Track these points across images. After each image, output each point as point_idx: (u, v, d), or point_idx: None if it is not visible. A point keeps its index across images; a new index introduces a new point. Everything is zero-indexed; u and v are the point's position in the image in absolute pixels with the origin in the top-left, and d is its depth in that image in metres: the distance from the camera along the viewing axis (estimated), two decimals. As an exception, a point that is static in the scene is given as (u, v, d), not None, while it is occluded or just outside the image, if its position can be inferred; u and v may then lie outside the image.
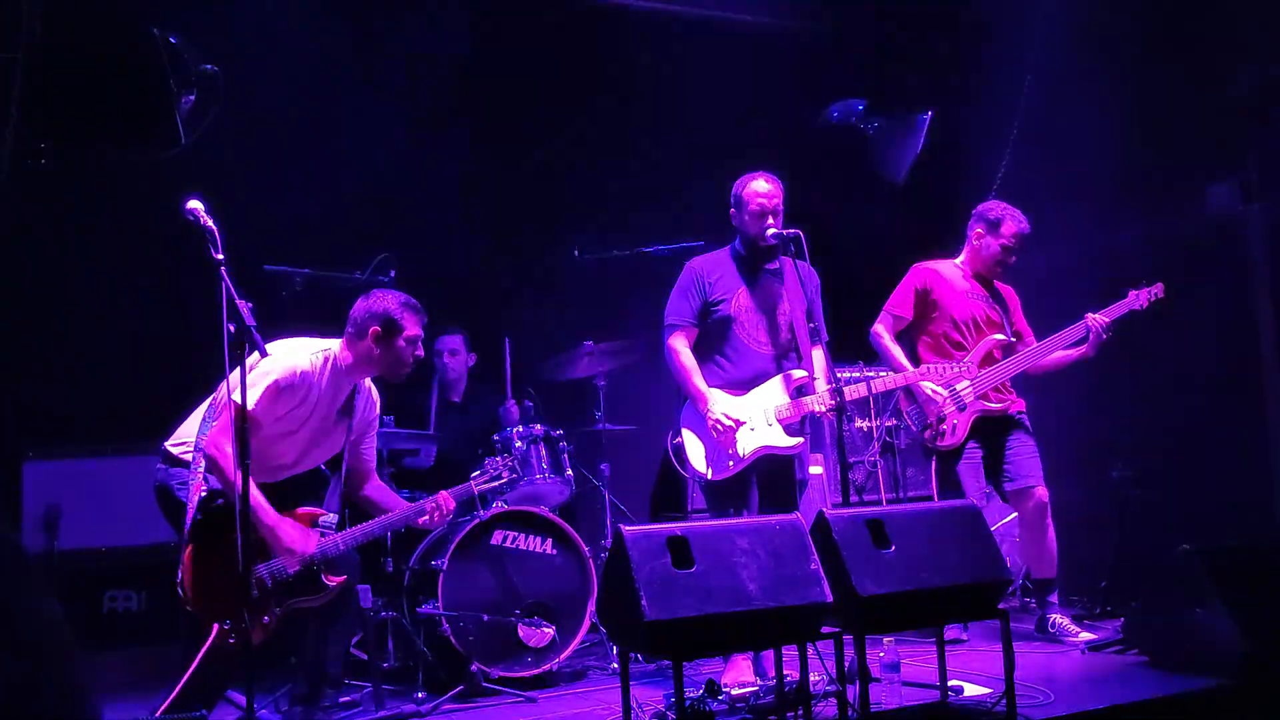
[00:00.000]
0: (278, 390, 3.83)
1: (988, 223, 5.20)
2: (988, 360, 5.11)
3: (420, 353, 4.15)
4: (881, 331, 5.22)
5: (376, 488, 4.31)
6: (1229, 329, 5.59)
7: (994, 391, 5.10)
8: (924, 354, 5.22)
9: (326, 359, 4.01)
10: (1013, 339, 5.21)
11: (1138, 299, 5.07)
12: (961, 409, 5.03)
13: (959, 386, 5.03)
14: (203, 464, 3.77)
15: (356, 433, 4.17)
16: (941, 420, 5.03)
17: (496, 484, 4.40)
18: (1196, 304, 5.71)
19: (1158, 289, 5.07)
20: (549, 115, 6.82)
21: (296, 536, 3.85)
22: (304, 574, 3.88)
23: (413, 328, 4.07)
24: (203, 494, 3.79)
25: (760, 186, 4.60)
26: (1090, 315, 5.03)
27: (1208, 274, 5.67)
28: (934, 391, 5.01)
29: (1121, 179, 6.10)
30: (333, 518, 4.03)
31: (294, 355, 3.92)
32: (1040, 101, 6.51)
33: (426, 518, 4.11)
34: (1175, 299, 5.57)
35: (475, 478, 4.36)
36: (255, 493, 3.73)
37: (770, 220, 4.56)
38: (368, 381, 4.24)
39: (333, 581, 3.93)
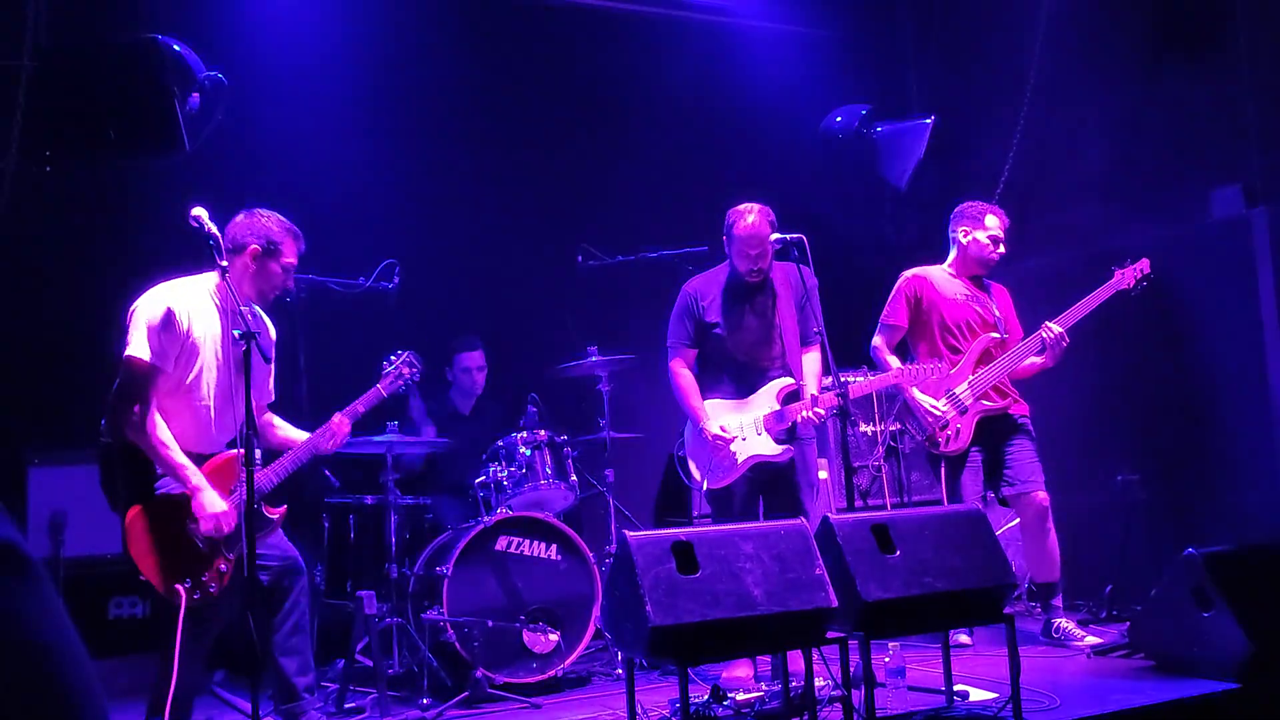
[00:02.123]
0: (158, 331, 3.70)
1: (970, 218, 5.22)
2: (985, 359, 5.11)
3: (291, 284, 4.06)
4: (880, 345, 5.23)
5: (273, 423, 4.18)
6: (1234, 332, 5.58)
7: (994, 391, 5.09)
8: (921, 359, 5.21)
9: (205, 288, 3.89)
10: (1004, 336, 5.20)
11: (1123, 279, 5.04)
12: (963, 412, 5.03)
13: (958, 390, 5.03)
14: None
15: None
16: (944, 427, 5.03)
17: (401, 382, 4.28)
18: (1201, 307, 5.70)
19: (1143, 265, 5.04)
20: (551, 120, 6.83)
21: (214, 505, 3.70)
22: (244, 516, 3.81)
23: (290, 255, 4.00)
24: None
25: (744, 228, 4.69)
26: (1046, 324, 5.01)
27: (1213, 277, 5.67)
28: (931, 406, 5.02)
29: (1125, 183, 6.10)
30: (257, 454, 3.92)
31: (165, 292, 3.80)
32: (1043, 106, 6.51)
33: (329, 441, 4.03)
34: (1180, 303, 5.59)
35: (383, 380, 4.24)
36: (178, 455, 3.67)
37: (755, 264, 4.71)
38: (260, 311, 4.11)
39: (274, 513, 3.88)
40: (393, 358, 4.32)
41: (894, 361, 5.18)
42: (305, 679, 3.96)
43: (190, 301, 3.83)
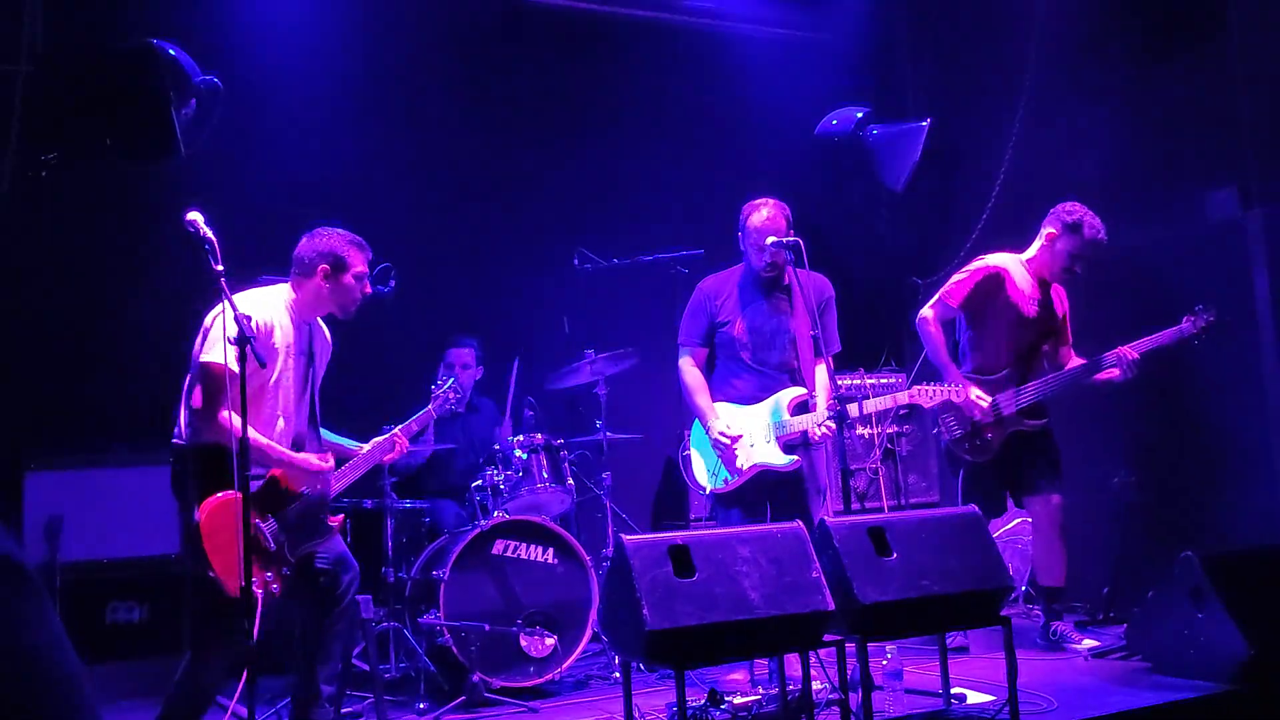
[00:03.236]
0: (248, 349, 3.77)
1: (1065, 225, 4.97)
2: (1036, 371, 5.02)
3: (369, 289, 4.16)
4: (929, 316, 5.05)
5: (336, 446, 4.29)
6: (1230, 334, 5.58)
7: (1031, 411, 4.99)
8: (974, 351, 5.11)
9: (281, 299, 4.03)
10: (1048, 350, 5.13)
11: (1193, 325, 4.80)
12: (1001, 424, 4.98)
13: (1000, 398, 4.96)
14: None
15: (319, 375, 4.18)
16: (979, 431, 4.97)
17: (448, 406, 4.45)
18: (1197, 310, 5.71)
19: (1212, 314, 4.79)
20: (547, 124, 6.83)
21: (314, 464, 3.91)
22: (309, 519, 3.89)
23: (359, 264, 4.11)
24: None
25: (759, 220, 4.66)
26: (1122, 349, 4.85)
27: (1208, 280, 5.67)
28: (978, 398, 4.93)
29: (1120, 185, 6.10)
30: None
31: (244, 302, 3.86)
32: (1038, 108, 6.52)
33: (390, 453, 4.22)
34: (1176, 305, 5.58)
35: (434, 402, 4.41)
36: (261, 437, 3.79)
37: (770, 258, 4.66)
38: (320, 321, 4.22)
39: (334, 521, 3.98)
40: (439, 383, 4.51)
41: (939, 339, 5.00)
42: (331, 688, 4.00)
43: (269, 312, 3.95)
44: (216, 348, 3.75)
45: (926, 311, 5.09)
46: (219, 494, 3.68)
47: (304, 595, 3.93)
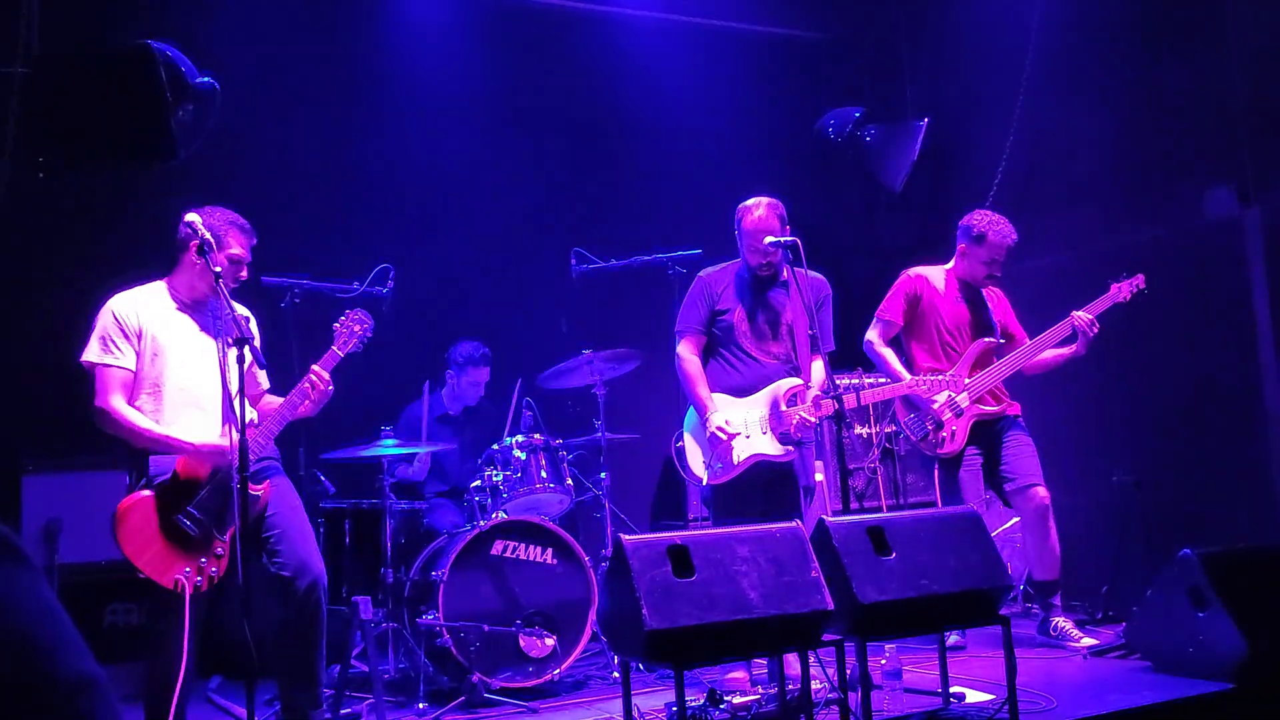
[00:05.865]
0: (110, 340, 3.86)
1: (972, 237, 5.23)
2: (981, 362, 5.13)
3: (244, 275, 4.07)
4: (874, 339, 5.24)
5: (265, 405, 4.19)
6: (1228, 332, 5.59)
7: (989, 395, 5.11)
8: (918, 358, 5.22)
9: (158, 290, 4.00)
10: (1002, 340, 5.24)
11: (1120, 291, 5.10)
12: (959, 414, 5.03)
13: (955, 393, 5.03)
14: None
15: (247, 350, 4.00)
16: (940, 427, 5.04)
17: (355, 340, 4.10)
18: (1195, 308, 5.71)
19: (1139, 280, 5.11)
20: (544, 124, 6.83)
21: (209, 444, 3.81)
22: (229, 496, 3.72)
23: (235, 246, 4.01)
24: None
25: (753, 220, 4.69)
26: (1075, 313, 5.06)
27: (1206, 278, 5.68)
28: (931, 399, 5.02)
29: (1119, 183, 6.11)
30: (234, 436, 3.88)
31: (113, 303, 3.93)
32: (1036, 107, 6.52)
33: (309, 401, 3.97)
34: (1174, 303, 5.59)
35: (336, 340, 4.08)
36: (156, 428, 3.79)
37: (765, 258, 4.70)
38: (243, 310, 4.13)
39: (258, 490, 3.85)
40: (343, 317, 4.14)
41: (890, 355, 5.15)
42: (307, 693, 3.93)
43: (140, 303, 3.95)
44: (90, 346, 3.84)
45: (870, 335, 5.27)
46: (129, 496, 3.72)
47: (269, 600, 3.86)
